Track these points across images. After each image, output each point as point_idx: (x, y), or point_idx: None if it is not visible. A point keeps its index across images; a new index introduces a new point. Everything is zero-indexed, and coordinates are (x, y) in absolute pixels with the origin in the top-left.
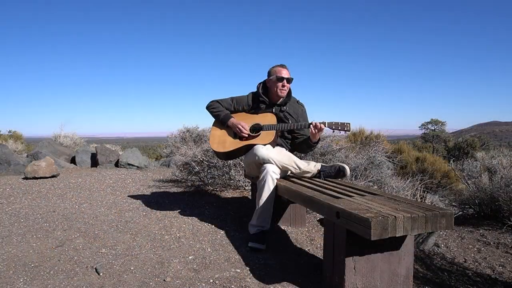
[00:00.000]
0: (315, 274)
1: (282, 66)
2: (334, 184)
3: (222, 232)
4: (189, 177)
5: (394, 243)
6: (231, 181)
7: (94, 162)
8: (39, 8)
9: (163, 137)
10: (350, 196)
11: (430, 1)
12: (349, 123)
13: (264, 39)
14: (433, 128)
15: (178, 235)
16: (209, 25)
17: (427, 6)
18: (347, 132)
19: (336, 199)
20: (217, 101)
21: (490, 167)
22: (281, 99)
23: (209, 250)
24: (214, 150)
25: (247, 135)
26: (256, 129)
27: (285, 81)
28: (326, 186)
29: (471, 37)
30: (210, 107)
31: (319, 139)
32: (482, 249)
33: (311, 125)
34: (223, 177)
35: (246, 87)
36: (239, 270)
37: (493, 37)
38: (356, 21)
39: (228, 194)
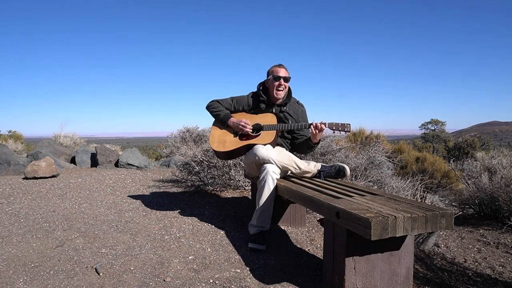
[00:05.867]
0: (315, 274)
1: (279, 65)
2: (334, 184)
3: (222, 232)
4: (189, 177)
5: (394, 243)
6: (231, 181)
7: (94, 162)
8: (39, 7)
9: (163, 137)
10: (350, 196)
11: (430, 1)
12: (349, 124)
13: (264, 38)
14: (433, 128)
15: (178, 235)
16: (210, 24)
17: (427, 6)
18: (347, 132)
19: (336, 199)
20: (217, 100)
21: (490, 167)
22: (281, 99)
23: (209, 250)
24: (214, 150)
25: (250, 131)
26: (256, 129)
27: (282, 80)
28: (326, 186)
29: (471, 37)
30: (210, 107)
31: (320, 140)
32: (482, 249)
33: (312, 126)
34: (223, 177)
35: (246, 86)
36: (239, 270)
37: (494, 36)
38: (356, 20)
39: (228, 194)
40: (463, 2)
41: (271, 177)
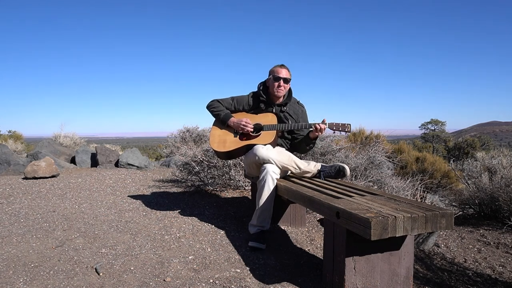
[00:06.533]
0: (315, 274)
1: (281, 66)
2: (334, 184)
3: (222, 232)
4: (189, 177)
5: (394, 243)
6: (231, 181)
7: (94, 162)
8: (39, 7)
9: (163, 137)
10: (350, 196)
11: (429, 1)
12: (350, 124)
13: (264, 38)
14: (433, 128)
15: (178, 235)
16: (210, 24)
17: (427, 6)
18: (347, 133)
19: (336, 199)
20: (217, 100)
21: (490, 167)
22: (281, 99)
23: (209, 250)
24: (214, 150)
25: (251, 130)
26: (257, 129)
27: (281, 81)
28: (326, 186)
29: (471, 37)
30: (211, 107)
31: (317, 137)
32: (482, 249)
33: (313, 127)
34: (223, 177)
35: (246, 86)
36: (239, 270)
37: (493, 36)
38: (356, 20)
39: (228, 194)
40: (462, 2)
41: (271, 177)
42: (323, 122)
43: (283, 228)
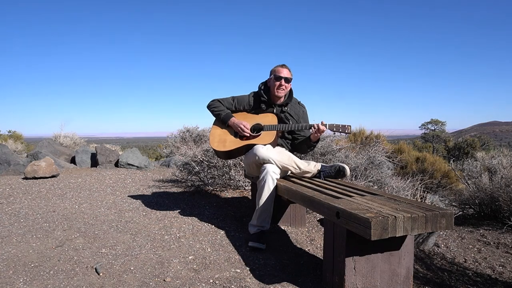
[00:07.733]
0: (315, 274)
1: (282, 65)
2: (334, 184)
3: (222, 232)
4: (189, 177)
5: (394, 243)
6: (231, 181)
7: (94, 162)
8: (38, 7)
9: (163, 137)
10: (350, 196)
11: (430, 1)
12: (350, 126)
13: (264, 38)
14: (433, 128)
15: (178, 235)
16: (210, 23)
17: (427, 6)
18: (348, 134)
19: (336, 199)
20: (218, 100)
21: (490, 167)
22: (282, 99)
23: (209, 250)
24: (214, 149)
25: (248, 135)
26: (257, 129)
27: (283, 80)
28: (326, 186)
29: (471, 37)
30: (211, 106)
31: (319, 139)
32: (482, 249)
33: (313, 127)
34: (223, 177)
35: (246, 86)
36: (239, 270)
37: (493, 36)
38: (356, 20)
39: (228, 194)
40: (462, 3)
41: (271, 177)
42: (321, 123)
43: (283, 228)
